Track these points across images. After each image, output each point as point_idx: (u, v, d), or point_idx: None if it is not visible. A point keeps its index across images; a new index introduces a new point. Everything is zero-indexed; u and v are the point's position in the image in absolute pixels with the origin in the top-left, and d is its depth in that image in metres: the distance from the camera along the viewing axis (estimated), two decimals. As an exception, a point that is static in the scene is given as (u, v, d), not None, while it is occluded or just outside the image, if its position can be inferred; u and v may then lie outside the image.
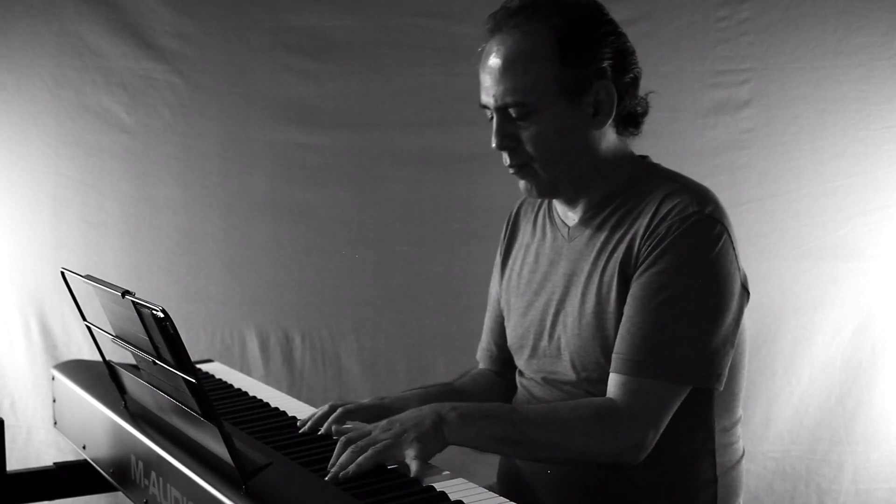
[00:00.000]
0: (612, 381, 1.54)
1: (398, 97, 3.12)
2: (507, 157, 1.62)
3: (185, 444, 1.44)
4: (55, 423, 2.01)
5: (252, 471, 1.29)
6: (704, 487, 1.64)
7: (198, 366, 2.12)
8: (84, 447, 1.83)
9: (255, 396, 1.86)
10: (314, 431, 1.58)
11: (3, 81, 3.12)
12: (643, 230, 1.56)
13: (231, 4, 3.12)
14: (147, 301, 1.27)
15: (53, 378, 2.00)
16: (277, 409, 1.75)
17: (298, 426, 1.61)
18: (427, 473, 1.37)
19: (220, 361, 2.35)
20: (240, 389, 1.93)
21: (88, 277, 1.50)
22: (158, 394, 1.45)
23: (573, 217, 1.69)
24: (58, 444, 3.09)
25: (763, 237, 2.97)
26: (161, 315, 1.23)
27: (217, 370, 2.14)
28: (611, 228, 1.62)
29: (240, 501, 1.24)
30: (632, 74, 1.62)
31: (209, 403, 1.28)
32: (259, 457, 1.37)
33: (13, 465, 1.87)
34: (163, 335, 1.27)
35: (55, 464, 1.96)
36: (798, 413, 2.99)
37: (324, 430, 1.57)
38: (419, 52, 3.09)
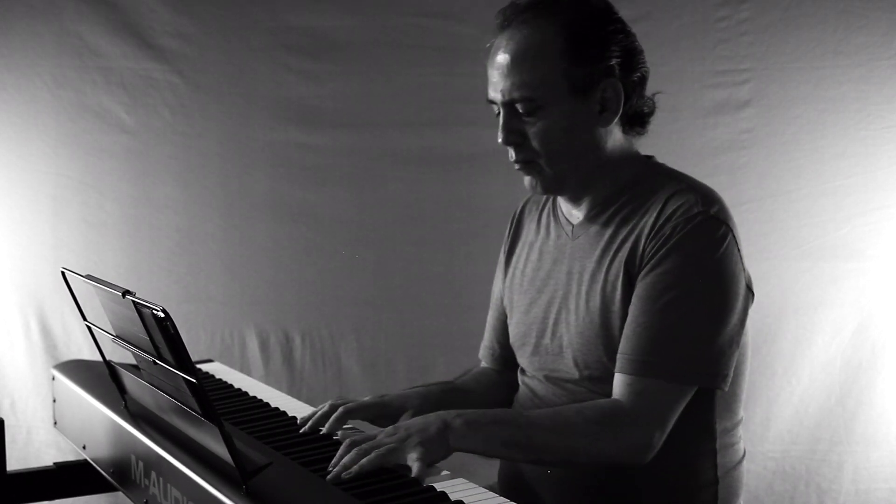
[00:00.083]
0: (618, 382, 1.54)
1: (398, 97, 3.12)
2: (513, 153, 1.63)
3: (186, 444, 1.44)
4: (55, 423, 2.01)
5: (252, 471, 1.29)
6: (705, 488, 1.63)
7: (198, 366, 2.12)
8: (84, 447, 1.83)
9: (255, 396, 1.86)
10: (315, 431, 1.58)
11: (3, 81, 3.11)
12: (648, 230, 1.56)
13: (231, 4, 3.12)
14: (147, 301, 1.27)
15: (53, 378, 1.99)
16: (277, 409, 1.75)
17: (299, 424, 1.62)
18: (427, 473, 1.37)
19: (220, 361, 2.35)
20: (240, 389, 1.93)
21: (89, 277, 1.50)
22: (159, 394, 1.45)
23: (577, 215, 1.69)
24: (58, 444, 3.09)
25: (763, 237, 2.96)
26: (161, 315, 1.23)
27: (217, 370, 2.14)
28: (615, 227, 1.62)
29: (240, 501, 1.24)
30: (639, 73, 1.62)
31: (209, 403, 1.28)
32: (259, 457, 1.37)
33: (13, 465, 1.87)
34: (163, 335, 1.27)
35: (55, 464, 1.96)
36: (798, 413, 2.98)
37: (326, 430, 1.57)
38: (419, 52, 3.09)
